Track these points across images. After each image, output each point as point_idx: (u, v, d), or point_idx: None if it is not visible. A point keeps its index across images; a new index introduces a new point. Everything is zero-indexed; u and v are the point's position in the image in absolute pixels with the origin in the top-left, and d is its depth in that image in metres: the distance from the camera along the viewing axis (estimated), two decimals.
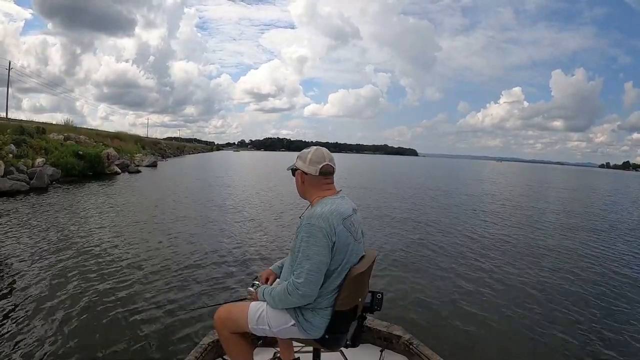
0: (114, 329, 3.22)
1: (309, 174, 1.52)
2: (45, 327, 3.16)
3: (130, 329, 3.25)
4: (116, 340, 3.04)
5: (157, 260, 5.15)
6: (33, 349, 2.83)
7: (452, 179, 29.85)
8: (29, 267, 4.57)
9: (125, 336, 3.12)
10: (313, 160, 1.52)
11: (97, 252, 5.32)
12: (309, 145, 1.62)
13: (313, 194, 1.54)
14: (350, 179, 21.75)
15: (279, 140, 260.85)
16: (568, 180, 40.93)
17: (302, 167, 1.54)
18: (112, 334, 3.13)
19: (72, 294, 3.85)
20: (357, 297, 1.50)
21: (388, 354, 2.05)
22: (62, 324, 3.21)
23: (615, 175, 76.55)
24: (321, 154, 1.54)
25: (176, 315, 3.52)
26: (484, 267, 5.51)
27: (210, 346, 1.95)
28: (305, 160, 1.54)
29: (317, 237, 1.36)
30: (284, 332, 1.51)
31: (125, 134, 37.60)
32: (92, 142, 21.88)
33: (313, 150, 1.55)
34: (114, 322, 3.33)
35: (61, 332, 3.09)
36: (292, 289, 1.39)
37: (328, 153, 1.57)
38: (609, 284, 5.07)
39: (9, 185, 10.65)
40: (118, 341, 3.03)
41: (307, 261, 1.37)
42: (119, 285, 4.16)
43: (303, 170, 1.54)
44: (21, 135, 15.41)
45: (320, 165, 1.52)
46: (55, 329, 3.14)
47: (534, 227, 9.37)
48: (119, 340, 3.04)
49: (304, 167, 1.54)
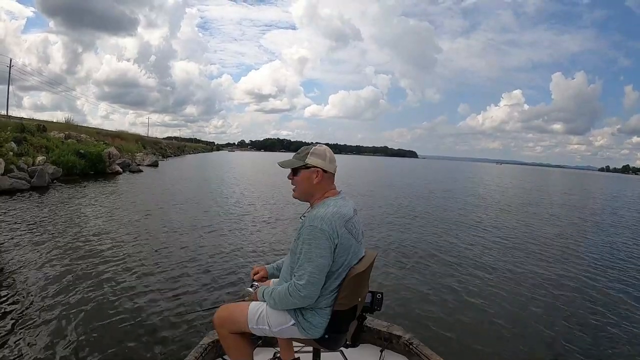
0: (114, 329, 3.21)
1: (329, 171, 1.49)
2: (45, 327, 3.15)
3: (130, 328, 3.24)
4: (116, 340, 3.03)
5: (158, 260, 5.15)
6: (33, 348, 2.82)
7: (452, 181, 29.85)
8: (29, 268, 4.55)
9: (125, 336, 3.11)
10: (332, 158, 1.50)
11: (98, 253, 5.31)
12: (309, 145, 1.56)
13: (319, 194, 1.51)
14: (350, 178, 21.76)
15: (278, 141, 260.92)
16: (572, 183, 40.93)
17: (322, 165, 1.48)
18: (112, 334, 3.13)
19: (73, 295, 3.84)
20: (356, 297, 1.49)
21: (388, 354, 2.05)
22: (62, 324, 3.21)
23: (617, 179, 76.56)
24: (331, 151, 1.52)
25: (176, 315, 3.51)
26: (484, 267, 5.52)
27: (210, 346, 1.94)
28: (324, 158, 1.49)
29: (319, 240, 1.36)
30: (283, 331, 1.51)
31: (126, 133, 37.60)
32: (93, 141, 21.84)
33: (325, 147, 1.51)
34: (114, 322, 3.33)
35: (61, 332, 3.08)
36: (294, 290, 1.38)
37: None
38: (612, 283, 5.06)
39: (9, 183, 10.58)
40: (118, 341, 3.03)
41: (309, 263, 1.36)
42: (119, 286, 4.16)
43: (323, 168, 1.48)
44: (22, 133, 15.32)
45: (335, 162, 1.52)
46: (55, 329, 3.13)
47: (536, 227, 9.38)
48: (119, 340, 3.04)
49: (324, 165, 1.48)
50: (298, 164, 1.51)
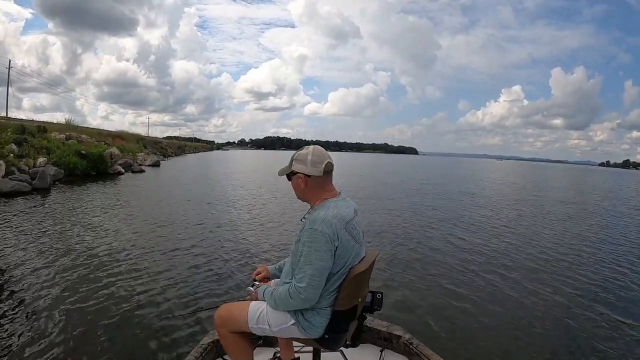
0: (115, 329, 3.23)
1: (313, 175, 1.46)
2: (45, 327, 3.17)
3: (130, 328, 3.26)
4: (116, 340, 3.05)
5: (160, 260, 5.16)
6: (33, 348, 2.84)
7: (453, 178, 29.78)
8: (33, 271, 4.56)
9: (126, 336, 3.13)
10: (314, 160, 1.46)
11: (101, 255, 5.30)
12: (309, 144, 1.55)
13: (315, 196, 1.49)
14: (349, 178, 21.72)
15: (278, 139, 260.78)
16: (579, 178, 40.77)
17: (303, 170, 1.47)
18: (113, 334, 3.14)
19: (75, 295, 3.86)
20: (356, 297, 1.49)
21: (388, 354, 2.05)
22: (62, 324, 3.23)
23: (625, 174, 76.11)
24: (320, 152, 1.48)
25: (176, 315, 3.52)
26: (484, 267, 5.51)
27: (210, 346, 1.95)
28: (305, 163, 1.46)
29: (319, 243, 1.36)
30: (283, 331, 1.52)
31: (127, 133, 37.57)
32: (94, 142, 21.83)
33: (311, 150, 1.48)
34: (115, 322, 3.35)
35: (62, 332, 3.10)
36: (294, 292, 1.39)
37: (324, 150, 1.51)
38: (614, 283, 5.05)
39: (11, 186, 10.51)
40: (118, 341, 3.05)
41: (309, 266, 1.36)
42: (121, 286, 4.17)
43: (305, 173, 1.47)
44: (22, 135, 15.26)
45: (323, 164, 1.46)
46: (55, 328, 3.15)
47: (537, 227, 9.34)
48: (119, 340, 3.06)
49: (305, 170, 1.46)
50: (287, 170, 1.52)
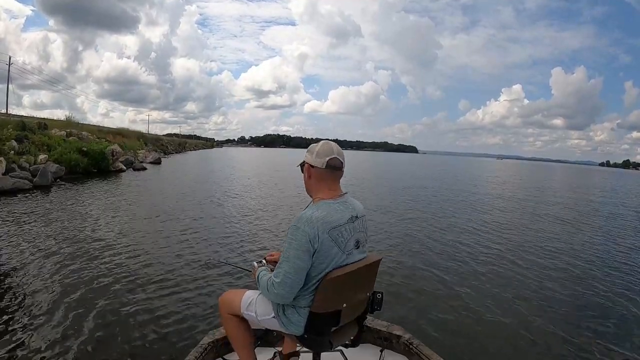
0: (115, 329, 3.23)
1: (316, 166, 1.46)
2: (46, 327, 3.17)
3: (130, 328, 3.26)
4: (116, 340, 3.06)
5: (162, 259, 5.16)
6: (33, 348, 2.85)
7: (453, 177, 29.76)
8: (32, 269, 4.57)
9: (126, 336, 3.13)
10: (320, 152, 1.46)
11: (103, 253, 5.31)
12: (309, 142, 1.56)
13: (317, 191, 1.48)
14: (349, 177, 21.72)
15: (278, 137, 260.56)
16: (583, 179, 40.71)
17: (309, 159, 1.48)
18: (113, 334, 3.15)
19: (74, 293, 3.87)
20: (339, 302, 1.43)
21: (388, 354, 2.05)
22: (63, 324, 3.23)
23: (619, 174, 75.99)
24: (329, 147, 1.48)
25: (176, 315, 3.53)
26: (485, 267, 5.51)
27: (210, 346, 1.95)
28: (312, 153, 1.48)
29: (300, 242, 1.34)
30: (266, 322, 1.55)
31: (128, 130, 37.56)
32: (94, 139, 21.82)
33: (322, 144, 1.50)
34: (115, 322, 3.35)
35: (62, 332, 3.10)
36: (270, 286, 1.41)
37: (337, 147, 1.50)
38: (615, 283, 5.05)
39: (12, 183, 10.47)
40: (118, 340, 3.05)
41: (286, 262, 1.36)
42: (122, 285, 4.18)
43: (310, 163, 1.48)
44: (23, 131, 15.24)
45: (328, 157, 1.45)
46: (56, 328, 3.16)
47: (537, 227, 9.35)
48: (119, 340, 3.06)
49: (310, 160, 1.48)
50: (301, 161, 1.55)
